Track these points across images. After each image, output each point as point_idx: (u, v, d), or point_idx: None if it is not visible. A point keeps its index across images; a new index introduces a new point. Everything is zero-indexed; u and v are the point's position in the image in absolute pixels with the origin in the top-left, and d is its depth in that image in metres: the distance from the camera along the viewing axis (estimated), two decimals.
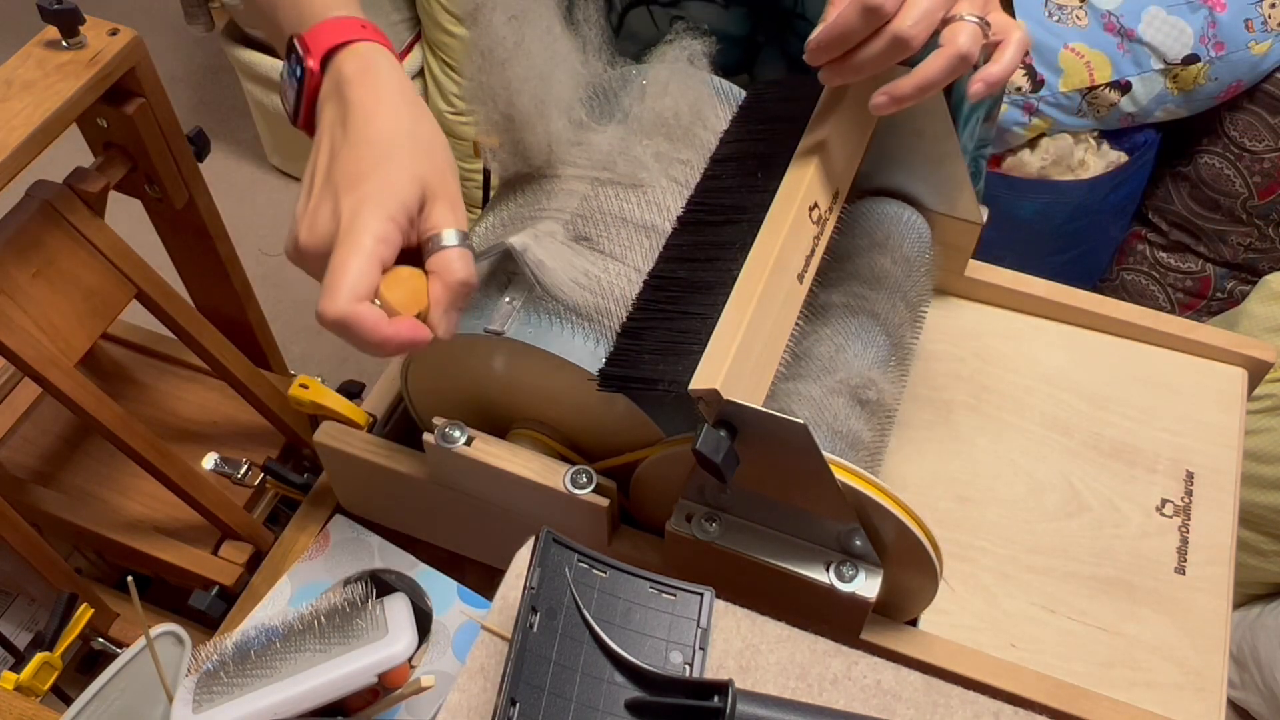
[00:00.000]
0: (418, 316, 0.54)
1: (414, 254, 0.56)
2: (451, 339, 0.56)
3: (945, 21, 0.57)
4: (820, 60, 0.59)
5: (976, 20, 0.57)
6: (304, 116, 0.59)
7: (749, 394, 0.56)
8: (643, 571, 0.54)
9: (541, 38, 0.66)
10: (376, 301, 0.52)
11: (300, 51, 0.58)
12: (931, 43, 0.57)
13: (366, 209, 0.52)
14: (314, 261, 0.54)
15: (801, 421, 0.52)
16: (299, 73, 0.58)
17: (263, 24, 0.63)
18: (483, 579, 0.74)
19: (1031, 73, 1.57)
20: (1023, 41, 0.61)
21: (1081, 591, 0.68)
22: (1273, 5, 1.54)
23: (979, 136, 0.93)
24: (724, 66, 0.78)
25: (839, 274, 0.71)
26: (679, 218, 0.67)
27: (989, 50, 0.60)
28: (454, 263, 0.55)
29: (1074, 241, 1.73)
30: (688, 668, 0.52)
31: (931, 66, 0.58)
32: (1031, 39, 1.56)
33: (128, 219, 1.02)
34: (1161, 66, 1.55)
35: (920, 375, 0.79)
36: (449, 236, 0.55)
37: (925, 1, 0.55)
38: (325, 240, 0.53)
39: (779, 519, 0.61)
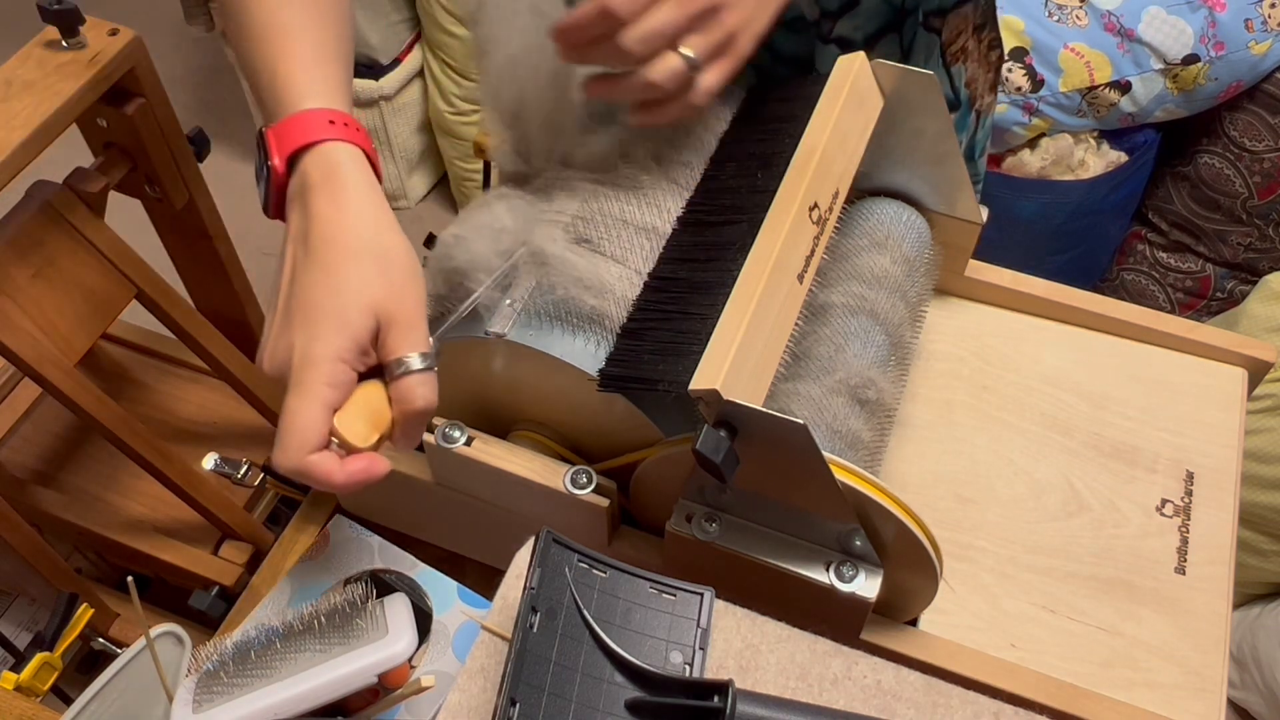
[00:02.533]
0: (381, 435, 0.55)
1: (377, 368, 0.56)
2: (430, 408, 0.56)
3: (672, 46, 0.58)
4: (559, 41, 0.60)
5: (689, 59, 0.58)
6: (274, 211, 0.59)
7: (749, 394, 0.56)
8: (643, 571, 0.54)
9: (543, 37, 0.66)
10: (334, 441, 0.53)
11: (267, 149, 0.57)
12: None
13: (316, 349, 0.53)
14: (280, 385, 0.55)
15: (801, 421, 0.52)
16: (266, 172, 0.58)
17: (249, 86, 0.63)
18: (483, 579, 0.74)
19: (1031, 73, 1.57)
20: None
21: (1081, 591, 0.68)
22: (1273, 5, 1.54)
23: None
24: None
25: (839, 274, 0.71)
26: (679, 218, 0.67)
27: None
28: (415, 390, 0.55)
29: (1074, 241, 1.73)
30: (688, 668, 0.52)
31: (620, 83, 0.60)
32: (1031, 39, 1.57)
33: (128, 219, 1.02)
34: (1161, 66, 1.55)
35: (920, 375, 0.79)
36: (410, 361, 0.55)
37: (657, 23, 0.56)
38: (282, 371, 0.54)
39: (779, 519, 0.61)
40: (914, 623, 0.66)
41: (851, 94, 0.68)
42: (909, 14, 0.78)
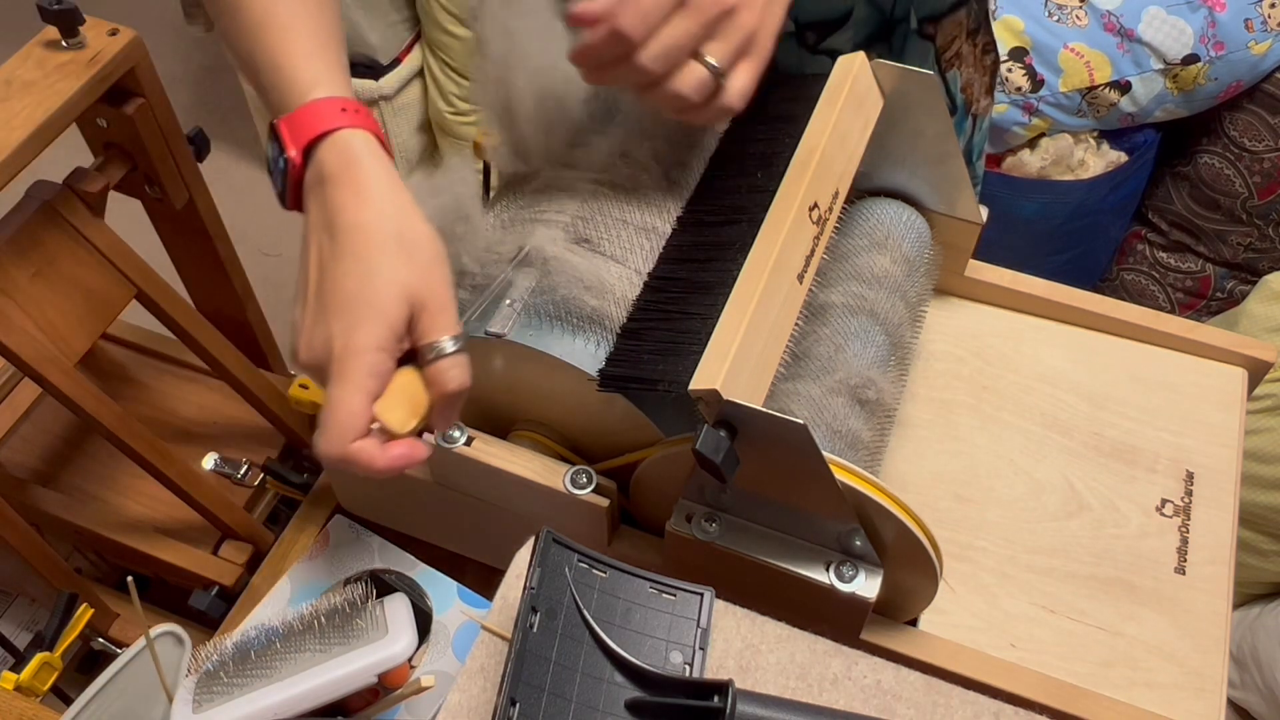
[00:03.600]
0: (419, 419, 0.56)
1: (409, 352, 0.57)
2: (465, 389, 0.57)
3: (695, 56, 0.57)
4: (577, 65, 0.59)
5: (712, 67, 0.57)
6: (291, 202, 0.59)
7: (749, 394, 0.56)
8: (643, 571, 0.54)
9: (542, 37, 0.66)
10: (375, 425, 0.54)
11: (281, 141, 0.57)
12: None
13: (357, 340, 0.53)
14: (314, 378, 0.56)
15: (801, 421, 0.52)
16: (282, 164, 0.58)
17: (249, 82, 0.63)
18: (483, 579, 0.74)
19: (1031, 73, 1.57)
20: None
21: (1081, 591, 0.68)
22: (1272, 5, 1.54)
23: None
24: None
25: (839, 274, 0.71)
26: (679, 218, 0.67)
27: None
28: (449, 373, 0.56)
29: (1074, 241, 1.73)
30: (688, 668, 0.52)
31: (650, 94, 0.58)
32: (1031, 39, 1.57)
33: (128, 219, 1.02)
34: (1161, 66, 1.55)
35: (920, 375, 0.79)
36: (442, 345, 0.55)
37: (673, 38, 0.55)
38: (321, 362, 0.54)
39: (779, 519, 0.61)
40: (914, 623, 0.66)
41: (851, 94, 0.68)
42: (899, 22, 0.78)
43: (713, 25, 0.56)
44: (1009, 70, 1.58)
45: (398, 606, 0.64)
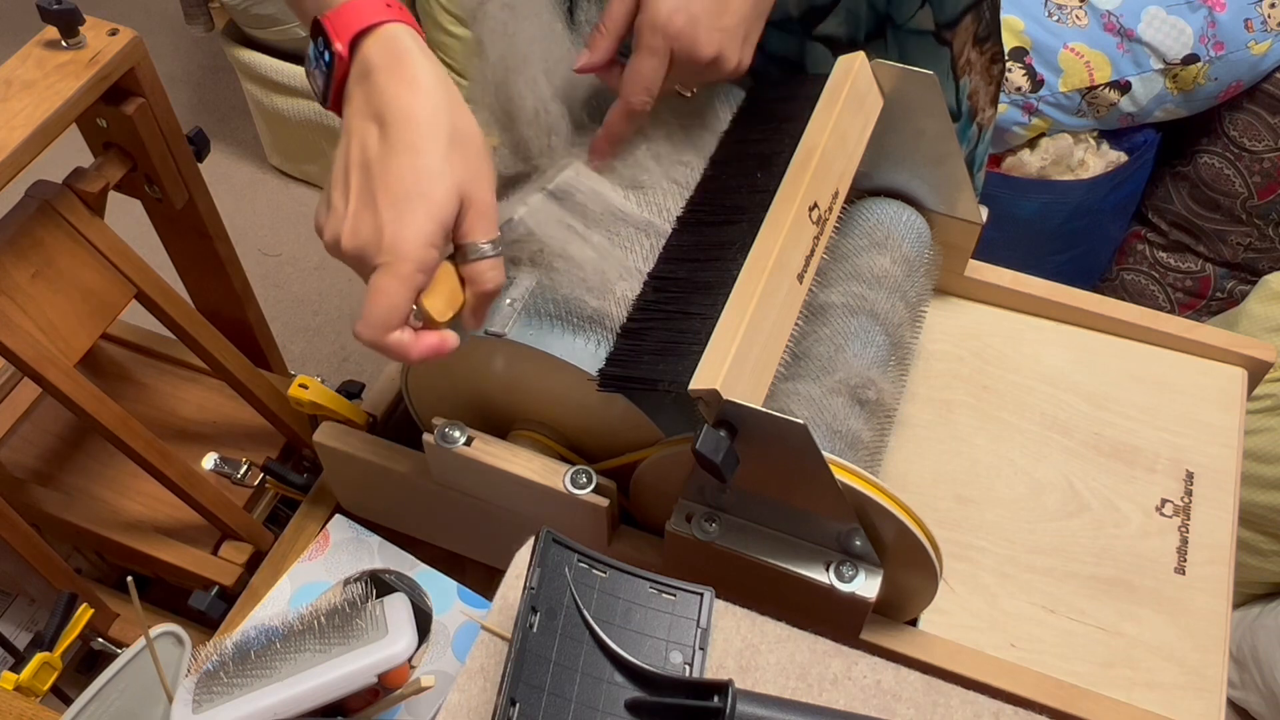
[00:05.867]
0: (454, 313, 0.58)
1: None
2: (499, 289, 0.59)
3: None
4: (600, 152, 0.67)
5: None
6: (333, 100, 0.59)
7: (749, 394, 0.56)
8: (643, 571, 0.54)
9: (543, 37, 0.66)
10: (414, 309, 0.55)
11: (327, 35, 0.57)
12: None
13: (409, 234, 0.54)
14: (352, 264, 0.56)
15: (801, 421, 0.52)
16: (327, 58, 0.58)
17: None
18: (483, 579, 0.74)
19: (1031, 72, 1.57)
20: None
21: (1081, 591, 0.68)
22: (1272, 5, 1.54)
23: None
24: None
25: (839, 274, 0.71)
26: (679, 218, 0.67)
27: None
28: (486, 274, 0.57)
29: (1074, 241, 1.73)
30: (688, 668, 0.52)
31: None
32: (1031, 39, 1.57)
33: (128, 219, 1.02)
34: (1161, 66, 1.55)
35: (920, 375, 0.79)
36: (483, 247, 0.57)
37: (647, 77, 0.63)
38: (365, 249, 0.54)
39: (779, 519, 0.61)
40: (914, 623, 0.66)
41: (851, 94, 0.68)
42: (892, 24, 0.78)
43: (699, 75, 0.64)
44: (1009, 70, 1.58)
45: (398, 606, 0.64)
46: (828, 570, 0.60)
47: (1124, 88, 1.57)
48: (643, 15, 0.62)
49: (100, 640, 0.93)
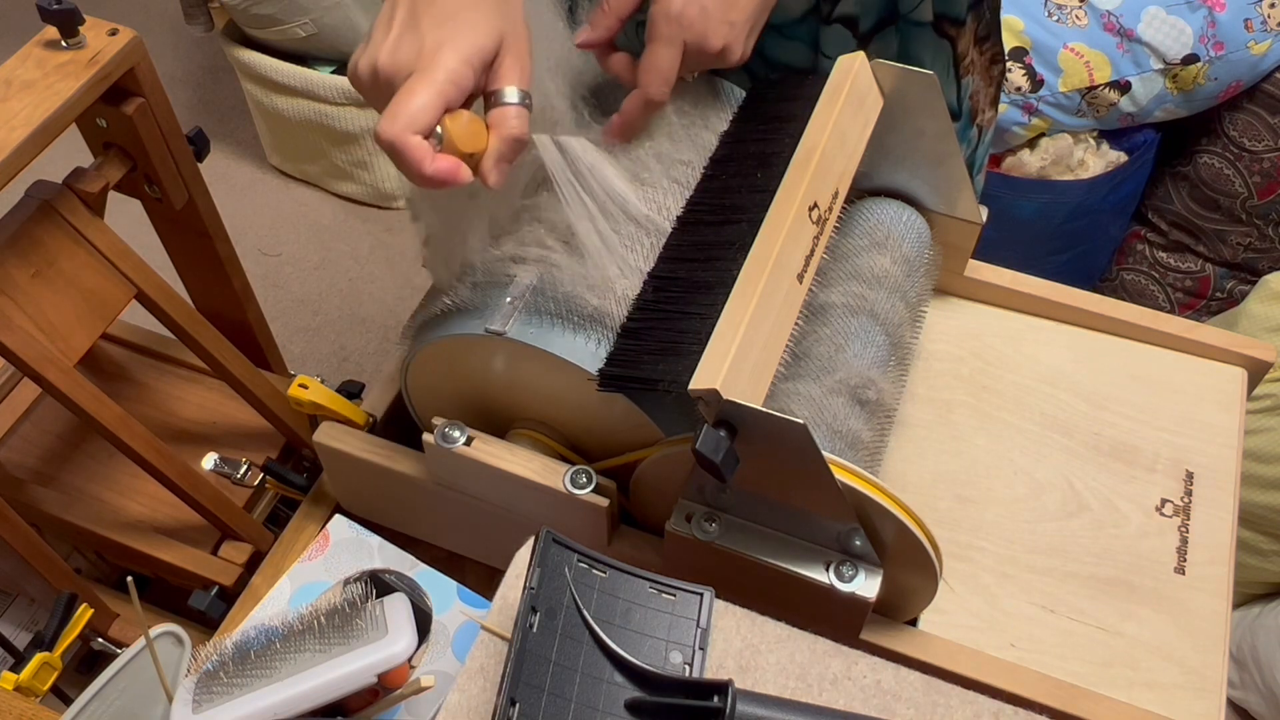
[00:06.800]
0: (471, 156, 0.57)
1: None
2: (498, 184, 0.59)
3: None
4: (616, 136, 0.68)
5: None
6: None
7: (749, 394, 0.56)
8: (643, 571, 0.54)
9: (543, 36, 0.66)
10: (439, 129, 0.55)
11: None
12: None
13: (448, 48, 0.55)
14: (384, 87, 0.56)
15: (801, 421, 0.52)
16: None
17: None
18: (483, 579, 0.74)
19: (1031, 73, 1.57)
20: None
21: (1081, 591, 0.68)
22: (1272, 5, 1.54)
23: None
24: None
25: (839, 274, 0.71)
26: (679, 217, 0.67)
27: None
28: (512, 119, 0.58)
29: (1074, 241, 1.73)
30: (687, 668, 0.52)
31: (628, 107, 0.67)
32: (1031, 39, 1.57)
33: (128, 219, 1.02)
34: (1161, 66, 1.55)
35: (920, 375, 0.79)
36: (512, 93, 0.58)
37: (665, 68, 0.65)
38: (403, 68, 0.56)
39: (779, 519, 0.61)
40: (914, 623, 0.66)
41: (851, 94, 0.68)
42: (901, 17, 0.78)
43: (706, 65, 0.66)
44: (1009, 70, 1.58)
45: (398, 606, 0.64)
46: (828, 570, 0.60)
47: (1124, 88, 1.57)
48: (656, 7, 0.63)
49: (100, 640, 0.93)
